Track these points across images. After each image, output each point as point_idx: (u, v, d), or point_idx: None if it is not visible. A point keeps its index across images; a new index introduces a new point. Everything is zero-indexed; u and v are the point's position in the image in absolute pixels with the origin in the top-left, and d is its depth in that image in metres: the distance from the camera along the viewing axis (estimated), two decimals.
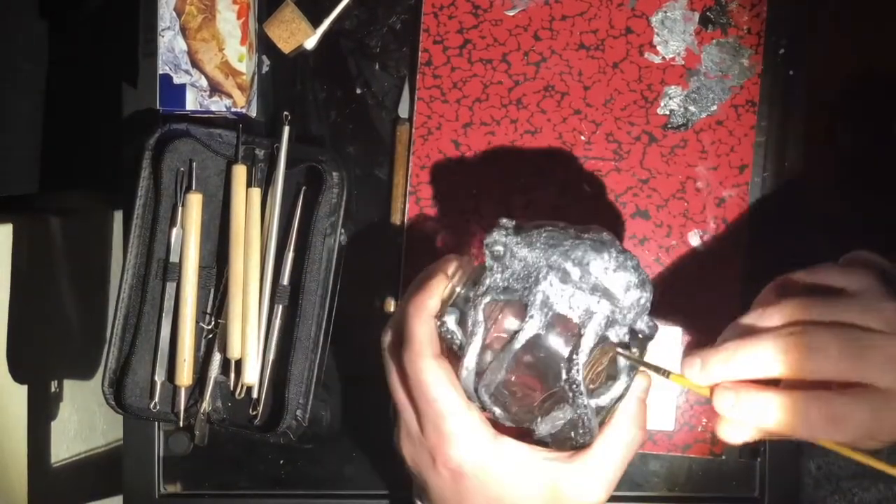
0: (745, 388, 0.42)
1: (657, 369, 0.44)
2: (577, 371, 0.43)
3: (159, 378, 0.63)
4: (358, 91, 0.67)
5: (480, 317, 0.44)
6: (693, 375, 0.43)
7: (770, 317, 0.43)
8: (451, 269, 0.47)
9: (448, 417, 0.44)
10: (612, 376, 0.45)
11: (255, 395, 0.63)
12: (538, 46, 0.64)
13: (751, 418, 0.42)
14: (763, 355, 0.41)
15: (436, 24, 0.65)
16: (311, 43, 0.66)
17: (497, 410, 0.45)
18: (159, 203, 0.63)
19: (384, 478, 0.66)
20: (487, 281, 0.44)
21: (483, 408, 0.45)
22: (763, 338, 0.42)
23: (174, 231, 0.63)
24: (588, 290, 0.43)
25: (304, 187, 0.64)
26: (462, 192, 0.64)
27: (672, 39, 0.64)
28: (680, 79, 0.64)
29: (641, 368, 0.45)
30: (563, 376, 0.43)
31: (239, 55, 0.63)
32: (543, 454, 0.46)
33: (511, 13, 0.64)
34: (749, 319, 0.44)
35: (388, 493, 0.66)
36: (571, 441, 0.46)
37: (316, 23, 0.66)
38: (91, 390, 0.93)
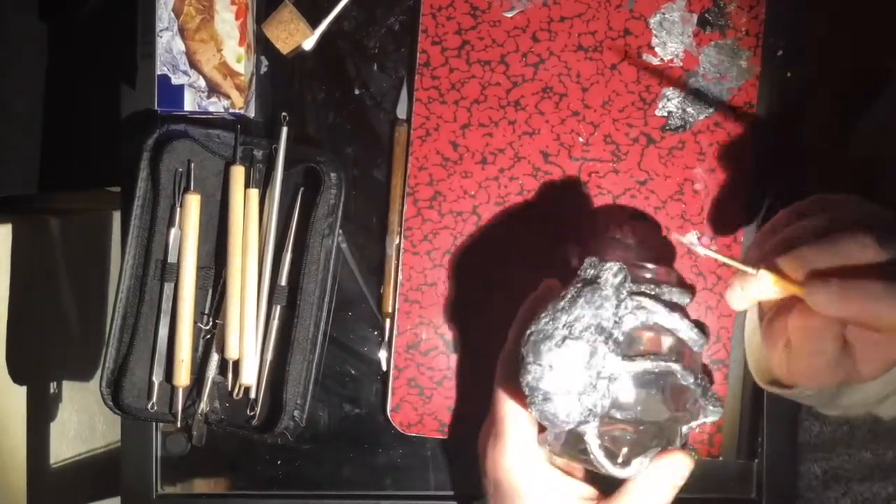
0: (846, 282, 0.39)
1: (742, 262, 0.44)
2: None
3: (157, 378, 0.63)
4: (356, 92, 0.67)
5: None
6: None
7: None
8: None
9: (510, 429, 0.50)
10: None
11: (252, 395, 0.63)
12: (536, 48, 0.64)
13: (851, 310, 0.39)
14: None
15: (434, 25, 0.65)
16: (309, 44, 0.66)
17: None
18: (157, 204, 0.63)
19: (381, 478, 0.66)
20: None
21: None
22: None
23: (172, 231, 0.63)
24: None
25: (302, 188, 0.64)
26: (460, 194, 0.64)
27: (670, 41, 0.64)
28: (678, 80, 0.64)
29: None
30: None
31: (237, 56, 0.63)
32: (579, 491, 0.49)
33: (509, 14, 0.65)
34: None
35: (385, 494, 0.66)
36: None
37: (314, 23, 0.66)
38: (90, 391, 0.94)
